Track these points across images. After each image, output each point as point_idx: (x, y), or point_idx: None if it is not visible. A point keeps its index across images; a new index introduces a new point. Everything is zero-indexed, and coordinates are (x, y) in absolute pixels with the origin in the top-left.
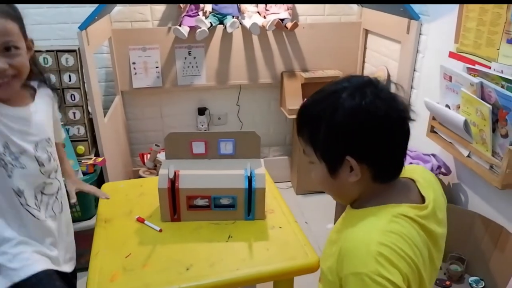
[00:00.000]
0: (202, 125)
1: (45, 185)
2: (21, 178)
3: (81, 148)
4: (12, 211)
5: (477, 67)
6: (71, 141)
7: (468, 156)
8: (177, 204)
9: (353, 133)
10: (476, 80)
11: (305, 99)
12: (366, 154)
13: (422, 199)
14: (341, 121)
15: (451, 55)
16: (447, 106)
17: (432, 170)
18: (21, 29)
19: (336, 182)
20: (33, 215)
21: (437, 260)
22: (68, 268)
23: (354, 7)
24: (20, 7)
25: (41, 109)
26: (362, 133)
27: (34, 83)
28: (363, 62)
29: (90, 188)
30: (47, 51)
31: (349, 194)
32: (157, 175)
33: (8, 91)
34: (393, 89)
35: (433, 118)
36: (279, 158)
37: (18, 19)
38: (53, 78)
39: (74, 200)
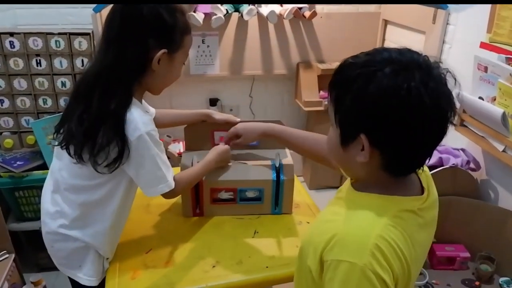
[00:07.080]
0: None
1: None
2: None
3: None
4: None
5: None
6: None
7: (504, 151)
8: (200, 197)
9: (377, 113)
10: None
11: (349, 57)
12: (382, 141)
13: (421, 188)
14: (371, 95)
15: (483, 45)
16: (480, 98)
17: (461, 165)
18: None
19: (344, 154)
20: None
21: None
22: None
23: None
24: None
25: None
26: (387, 118)
27: None
28: None
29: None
30: (59, 33)
31: (354, 172)
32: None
33: None
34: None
35: (463, 111)
36: (290, 152)
37: None
38: (64, 63)
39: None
